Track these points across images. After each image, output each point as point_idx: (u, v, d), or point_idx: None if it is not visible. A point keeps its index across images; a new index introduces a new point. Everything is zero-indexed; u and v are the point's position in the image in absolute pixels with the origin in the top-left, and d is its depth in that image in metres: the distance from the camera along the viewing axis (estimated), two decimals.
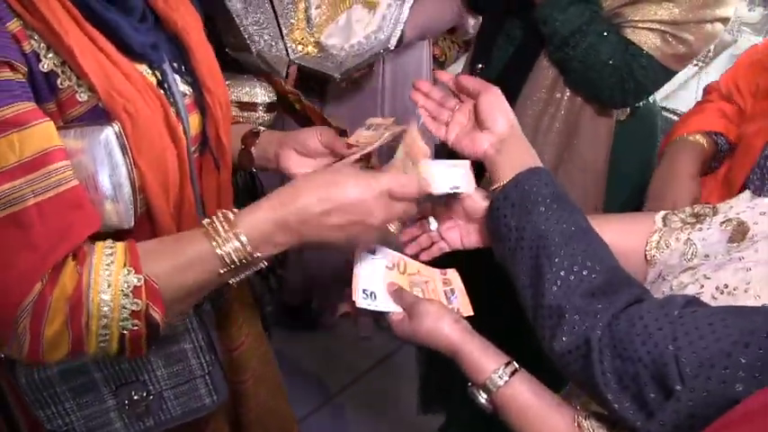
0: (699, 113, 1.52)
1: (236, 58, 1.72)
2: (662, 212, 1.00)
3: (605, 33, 1.40)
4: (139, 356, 0.86)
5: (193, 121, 1.01)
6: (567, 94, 1.54)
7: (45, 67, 0.78)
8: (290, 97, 1.38)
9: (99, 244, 0.80)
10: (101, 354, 0.80)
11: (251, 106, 1.54)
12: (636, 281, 0.84)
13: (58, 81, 0.79)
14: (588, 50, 1.41)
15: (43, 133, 0.75)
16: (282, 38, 1.69)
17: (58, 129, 0.79)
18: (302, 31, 1.89)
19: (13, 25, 0.75)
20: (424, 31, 2.04)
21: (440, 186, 0.97)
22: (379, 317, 1.01)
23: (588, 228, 0.89)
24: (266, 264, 0.88)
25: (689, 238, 0.93)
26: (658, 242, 0.97)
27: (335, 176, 0.89)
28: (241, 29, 1.66)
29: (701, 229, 0.93)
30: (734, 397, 0.62)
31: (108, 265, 0.78)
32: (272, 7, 1.69)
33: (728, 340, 0.65)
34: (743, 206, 0.91)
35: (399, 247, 1.10)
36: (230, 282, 0.87)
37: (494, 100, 0.99)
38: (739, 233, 0.88)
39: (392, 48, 1.89)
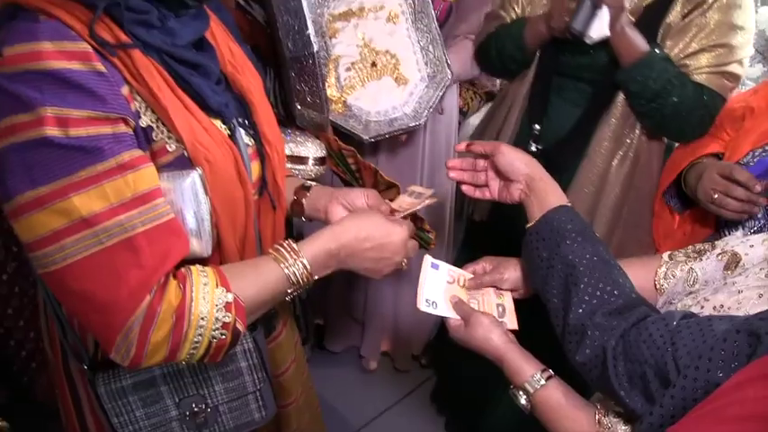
0: (703, 147, 1.72)
1: (291, 115, 1.88)
2: (668, 252, 1.20)
3: (687, 84, 1.65)
4: (213, 362, 1.01)
5: (255, 167, 1.17)
6: (635, 139, 1.81)
7: (144, 123, 0.94)
8: (344, 153, 1.53)
9: (193, 267, 0.97)
10: (186, 359, 0.96)
11: (302, 160, 1.71)
12: (647, 302, 1.01)
13: (153, 134, 0.95)
14: (678, 100, 1.66)
15: (150, 175, 0.92)
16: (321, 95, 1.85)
17: None
18: (332, 88, 2.06)
19: (125, 90, 0.91)
20: (456, 76, 2.19)
21: None
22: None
23: (609, 258, 1.06)
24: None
25: (691, 268, 1.12)
26: (665, 273, 1.18)
27: (375, 221, 1.15)
28: (293, 90, 1.83)
29: (700, 260, 1.12)
30: (716, 381, 0.77)
31: (204, 284, 0.95)
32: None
33: (712, 339, 0.80)
34: (737, 241, 1.10)
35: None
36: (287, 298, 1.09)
37: (506, 155, 1.22)
38: (733, 263, 1.04)
39: (421, 124, 2.07)
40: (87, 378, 1.15)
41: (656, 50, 1.66)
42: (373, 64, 2.05)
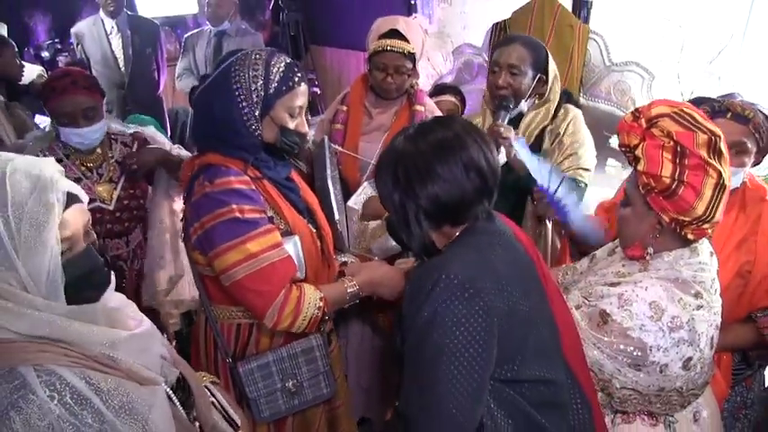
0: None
1: None
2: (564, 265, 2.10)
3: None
4: (311, 332, 1.98)
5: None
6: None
7: (269, 214, 1.94)
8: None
9: (304, 283, 1.94)
10: (299, 327, 1.89)
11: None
12: None
13: (273, 220, 1.94)
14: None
15: (277, 236, 1.91)
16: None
17: None
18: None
19: (261, 198, 1.93)
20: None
21: None
22: None
23: None
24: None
25: (575, 267, 2.04)
26: (563, 273, 2.07)
27: (390, 268, 2.11)
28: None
29: (578, 262, 2.04)
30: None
31: (310, 290, 1.91)
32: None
33: None
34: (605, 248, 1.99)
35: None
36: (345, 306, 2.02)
37: None
38: (593, 258, 1.98)
39: None
40: (228, 365, 2.04)
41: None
42: None
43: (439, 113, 2.98)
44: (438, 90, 3.68)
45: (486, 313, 1.44)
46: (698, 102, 2.18)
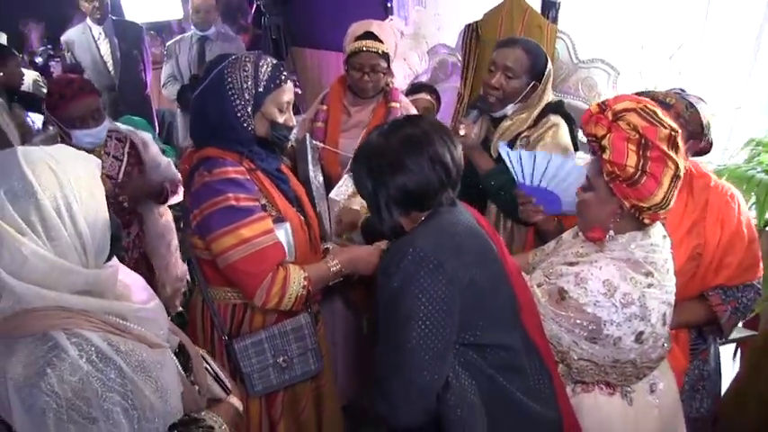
0: None
1: None
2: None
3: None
4: (297, 311, 2.16)
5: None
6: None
7: (262, 202, 2.11)
8: None
9: (290, 263, 2.11)
10: (286, 305, 2.06)
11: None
12: None
13: (266, 208, 2.11)
14: (508, 196, 2.54)
15: (269, 222, 2.09)
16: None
17: None
18: None
19: (255, 188, 2.10)
20: None
21: None
22: None
23: None
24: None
25: (542, 248, 2.20)
26: (534, 255, 2.22)
27: (367, 247, 2.27)
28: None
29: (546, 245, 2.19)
30: None
31: (295, 270, 2.08)
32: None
33: None
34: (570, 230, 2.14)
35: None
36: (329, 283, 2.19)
37: None
38: (559, 239, 2.13)
39: None
40: (224, 342, 2.21)
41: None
42: None
43: (413, 110, 3.18)
44: (414, 89, 3.85)
45: (449, 282, 1.64)
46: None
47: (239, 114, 2.09)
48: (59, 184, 1.35)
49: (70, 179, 1.36)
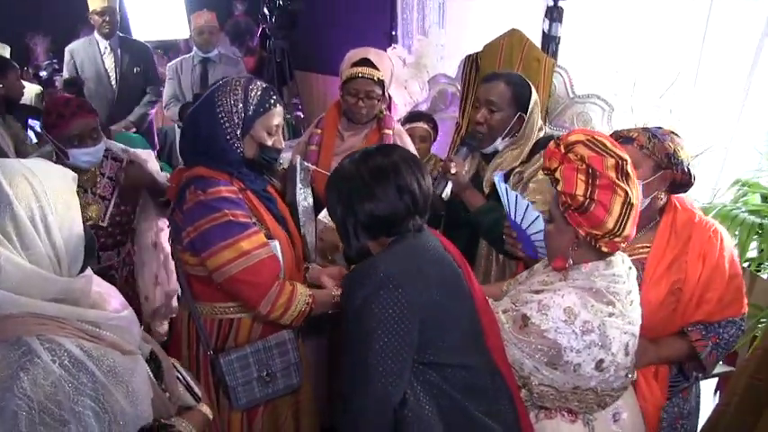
0: None
1: None
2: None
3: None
4: (297, 325, 2.21)
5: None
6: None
7: (252, 220, 2.16)
8: None
9: (297, 283, 2.19)
10: (288, 319, 2.13)
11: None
12: None
13: (255, 225, 2.16)
14: (499, 230, 2.53)
15: (264, 237, 2.13)
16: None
17: None
18: None
19: (248, 213, 2.16)
20: None
21: None
22: None
23: None
24: None
25: (516, 279, 2.22)
26: (508, 285, 2.24)
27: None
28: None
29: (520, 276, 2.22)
30: None
31: (301, 286, 2.16)
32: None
33: None
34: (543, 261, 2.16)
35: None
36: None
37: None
38: (532, 270, 2.16)
39: None
40: (210, 357, 2.25)
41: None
42: None
43: (407, 137, 3.23)
44: (412, 117, 3.92)
45: (407, 303, 1.71)
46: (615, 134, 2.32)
47: (229, 137, 2.16)
48: (35, 196, 1.40)
49: (46, 191, 1.42)
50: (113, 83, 5.49)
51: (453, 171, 2.65)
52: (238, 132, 2.17)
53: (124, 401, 1.46)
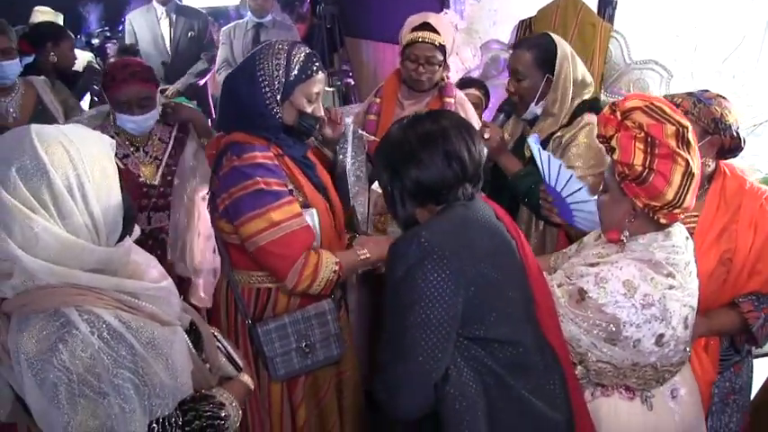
0: None
1: None
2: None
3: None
4: (320, 297, 2.17)
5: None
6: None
7: (289, 187, 2.13)
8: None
9: (323, 250, 2.13)
10: (316, 289, 2.09)
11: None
12: None
13: (293, 193, 2.13)
14: (537, 195, 2.46)
15: (298, 206, 2.11)
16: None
17: None
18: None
19: (283, 173, 2.13)
20: None
21: None
22: None
23: None
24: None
25: (564, 252, 2.16)
26: (555, 258, 2.19)
27: (388, 238, 2.24)
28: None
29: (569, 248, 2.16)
30: None
31: (327, 254, 2.10)
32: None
33: None
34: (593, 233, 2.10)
35: None
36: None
37: None
38: (581, 243, 2.10)
39: None
40: (248, 327, 2.25)
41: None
42: None
43: (469, 105, 3.17)
44: (463, 83, 3.82)
45: (452, 274, 1.64)
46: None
47: (268, 102, 2.12)
48: (72, 163, 1.37)
49: (83, 158, 1.39)
50: (168, 48, 5.61)
51: (486, 136, 2.59)
52: (278, 97, 2.13)
53: (164, 374, 1.44)
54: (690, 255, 1.88)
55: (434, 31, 2.91)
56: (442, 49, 2.93)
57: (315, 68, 2.15)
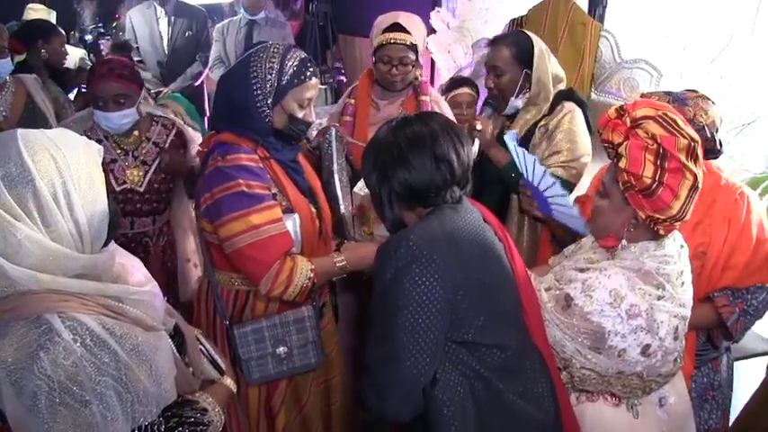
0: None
1: None
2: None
3: None
4: (300, 303, 2.16)
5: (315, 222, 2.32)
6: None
7: (273, 191, 2.14)
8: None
9: (298, 255, 2.12)
10: (290, 295, 2.07)
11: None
12: None
13: (276, 197, 2.13)
14: None
15: (279, 211, 2.10)
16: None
17: None
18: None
19: (267, 176, 2.12)
20: None
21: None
22: None
23: None
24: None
25: (562, 252, 2.14)
26: (553, 260, 2.17)
27: (375, 244, 2.17)
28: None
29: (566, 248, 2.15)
30: None
31: (302, 261, 2.09)
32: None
33: None
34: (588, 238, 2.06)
35: None
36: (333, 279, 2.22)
37: None
38: (578, 244, 2.09)
39: None
40: (225, 327, 2.25)
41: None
42: None
43: (444, 103, 3.17)
44: (455, 83, 3.82)
45: (440, 278, 1.64)
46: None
47: (259, 104, 2.12)
48: (58, 171, 1.37)
49: (70, 165, 1.38)
50: (165, 46, 5.62)
51: (479, 128, 2.67)
52: (269, 101, 2.13)
53: (147, 381, 1.44)
54: (684, 264, 1.87)
55: (405, 31, 2.91)
56: (413, 48, 2.93)
57: (308, 74, 2.15)
